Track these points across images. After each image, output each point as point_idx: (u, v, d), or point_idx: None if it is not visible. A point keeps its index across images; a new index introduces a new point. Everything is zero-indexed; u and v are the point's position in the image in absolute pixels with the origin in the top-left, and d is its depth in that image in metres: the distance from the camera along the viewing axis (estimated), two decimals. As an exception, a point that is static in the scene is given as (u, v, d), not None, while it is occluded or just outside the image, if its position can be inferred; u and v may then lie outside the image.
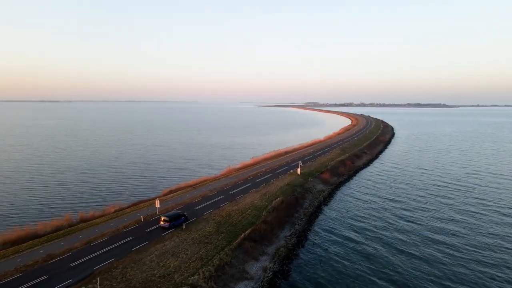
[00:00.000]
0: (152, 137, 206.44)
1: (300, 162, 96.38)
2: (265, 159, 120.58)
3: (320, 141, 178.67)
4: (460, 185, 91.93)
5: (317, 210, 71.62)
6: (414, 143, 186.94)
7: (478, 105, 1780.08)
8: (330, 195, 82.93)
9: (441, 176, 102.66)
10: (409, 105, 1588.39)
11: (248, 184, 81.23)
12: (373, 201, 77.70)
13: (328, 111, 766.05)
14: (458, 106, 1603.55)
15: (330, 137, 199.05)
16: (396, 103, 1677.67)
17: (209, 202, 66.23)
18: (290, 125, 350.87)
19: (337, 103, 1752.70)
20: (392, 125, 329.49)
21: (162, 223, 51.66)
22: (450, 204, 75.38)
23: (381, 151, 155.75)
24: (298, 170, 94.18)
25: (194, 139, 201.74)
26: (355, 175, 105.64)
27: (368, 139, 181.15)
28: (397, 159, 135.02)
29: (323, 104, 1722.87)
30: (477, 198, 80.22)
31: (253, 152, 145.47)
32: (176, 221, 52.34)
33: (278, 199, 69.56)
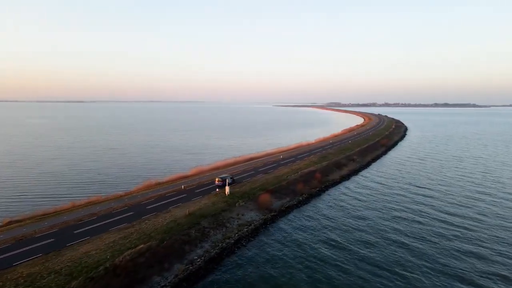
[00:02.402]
0: (122, 139, 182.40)
1: (227, 178, 67.75)
2: (212, 169, 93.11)
3: (308, 144, 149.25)
4: (466, 218, 60.97)
5: (211, 264, 43.42)
6: (422, 148, 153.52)
7: (511, 105, 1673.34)
8: (256, 231, 54.36)
9: (440, 200, 71.69)
10: (436, 105, 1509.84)
11: (128, 214, 53.88)
12: (318, 249, 48.56)
13: (346, 111, 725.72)
14: (489, 106, 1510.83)
15: (324, 139, 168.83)
16: (422, 103, 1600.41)
17: (17, 251, 39.34)
18: (295, 125, 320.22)
19: (360, 103, 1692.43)
20: (407, 126, 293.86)
21: (217, 182, 70.38)
22: (449, 258, 45.19)
23: (376, 158, 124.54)
24: (227, 189, 65.96)
25: (164, 140, 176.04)
26: (320, 194, 76.27)
27: (366, 142, 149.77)
28: (391, 169, 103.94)
29: (345, 104, 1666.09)
30: (489, 243, 49.52)
31: (216, 157, 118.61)
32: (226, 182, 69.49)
33: (141, 246, 41.96)
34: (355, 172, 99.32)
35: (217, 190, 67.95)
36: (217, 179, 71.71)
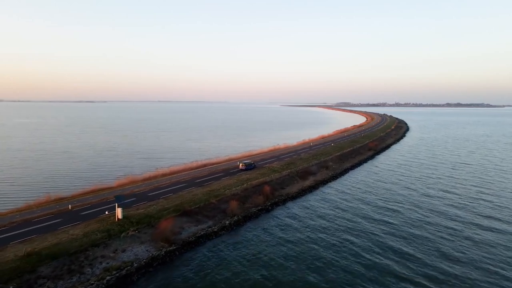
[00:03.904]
0: (88, 140, 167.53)
1: (116, 203, 50.54)
2: (146, 179, 76.73)
3: (286, 147, 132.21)
4: (437, 263, 43.10)
5: None
6: (416, 152, 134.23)
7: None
8: (127, 279, 37.39)
9: (406, 231, 53.71)
10: (448, 105, 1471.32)
11: None
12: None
13: (352, 111, 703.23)
14: (503, 106, 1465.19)
15: (309, 141, 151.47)
16: (434, 103, 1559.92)
17: None
18: (292, 125, 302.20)
19: (370, 103, 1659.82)
20: (410, 126, 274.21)
21: (241, 166, 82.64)
22: None
23: (358, 164, 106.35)
24: (118, 212, 49.16)
25: (132, 142, 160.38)
26: (259, 215, 59.03)
27: (352, 145, 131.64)
28: (366, 180, 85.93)
29: (354, 104, 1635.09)
30: None
31: (171, 162, 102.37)
32: (249, 166, 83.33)
33: None
34: (323, 182, 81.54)
35: (106, 212, 51.09)
36: (241, 164, 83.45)
